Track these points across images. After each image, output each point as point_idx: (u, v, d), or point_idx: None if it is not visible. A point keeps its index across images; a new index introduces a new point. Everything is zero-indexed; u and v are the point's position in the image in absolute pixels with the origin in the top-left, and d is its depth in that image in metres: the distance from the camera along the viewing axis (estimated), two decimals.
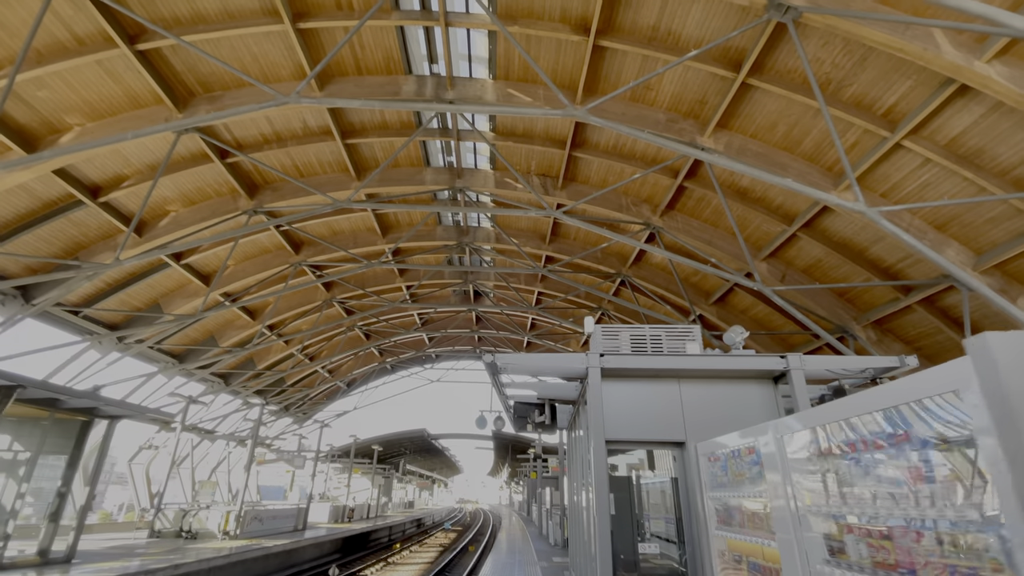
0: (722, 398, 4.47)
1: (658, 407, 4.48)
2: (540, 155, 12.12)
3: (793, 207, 10.73)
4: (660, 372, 4.50)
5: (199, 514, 12.82)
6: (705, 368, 4.33)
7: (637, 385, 4.59)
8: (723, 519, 2.89)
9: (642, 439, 4.40)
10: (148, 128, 8.05)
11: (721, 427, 4.30)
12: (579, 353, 4.55)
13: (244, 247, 14.74)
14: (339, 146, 11.56)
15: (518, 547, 14.94)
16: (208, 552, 9.74)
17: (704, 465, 3.28)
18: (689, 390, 4.65)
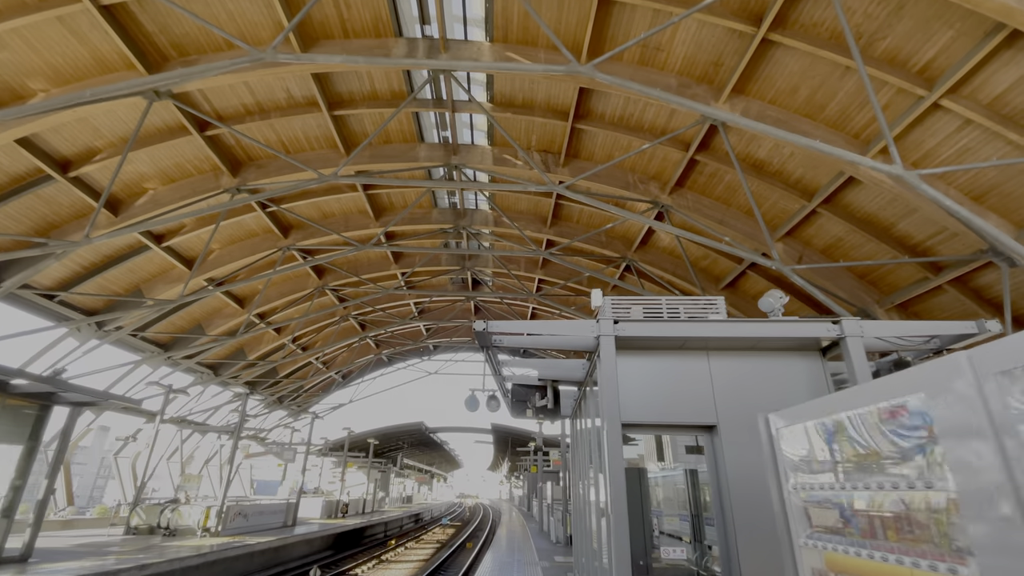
0: (759, 374, 3.78)
1: (683, 385, 3.81)
2: (541, 128, 11.37)
3: (813, 181, 10.00)
4: (686, 342, 3.81)
5: (179, 509, 12.18)
6: (741, 336, 3.63)
7: (658, 359, 3.90)
8: (824, 522, 2.10)
9: (664, 422, 3.71)
10: (110, 87, 7.30)
11: (760, 408, 3.61)
12: (588, 320, 3.85)
13: (230, 230, 14.03)
14: (326, 119, 10.81)
15: (518, 544, 14.32)
16: (183, 550, 9.08)
17: (789, 443, 2.42)
18: (720, 365, 3.94)
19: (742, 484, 3.43)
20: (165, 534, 11.75)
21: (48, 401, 7.41)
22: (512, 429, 29.18)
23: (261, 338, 20.09)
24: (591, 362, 4.71)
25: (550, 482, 18.78)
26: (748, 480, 3.43)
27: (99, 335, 13.41)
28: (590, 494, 6.28)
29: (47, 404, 7.40)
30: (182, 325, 16.40)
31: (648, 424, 3.73)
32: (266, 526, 14.56)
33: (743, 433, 3.60)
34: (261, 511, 14.43)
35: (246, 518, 13.28)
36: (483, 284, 20.57)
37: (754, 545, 3.24)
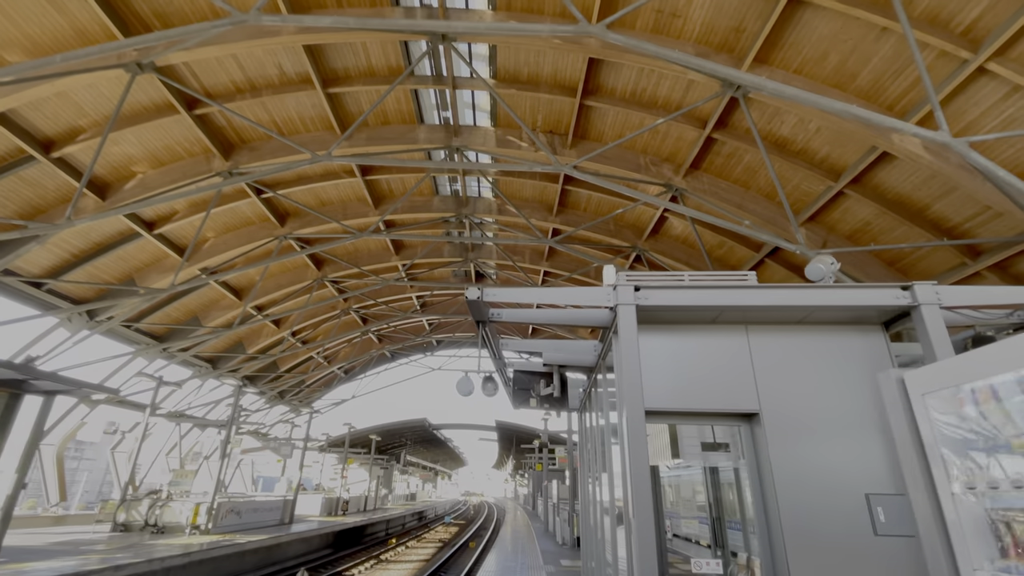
0: (810, 354, 3.14)
1: (717, 367, 3.20)
2: (547, 107, 10.75)
3: (840, 160, 9.32)
4: (720, 314, 3.23)
5: (170, 506, 11.73)
6: (789, 305, 3.02)
7: (686, 336, 3.28)
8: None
9: (694, 410, 3.09)
10: (82, 50, 6.78)
11: (811, 392, 3.01)
12: (603, 287, 3.26)
13: (224, 218, 13.56)
14: (321, 97, 10.27)
15: (522, 546, 13.75)
16: (168, 549, 8.58)
17: (951, 417, 1.59)
18: (762, 343, 3.25)
19: (794, 483, 2.82)
20: (154, 532, 11.30)
21: (17, 389, 6.97)
22: (517, 426, 28.60)
23: (260, 331, 19.66)
24: (604, 343, 4.11)
25: (555, 481, 18.20)
26: (802, 478, 2.82)
27: (90, 325, 12.99)
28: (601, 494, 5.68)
29: (16, 393, 6.96)
30: (178, 317, 15.97)
31: (675, 412, 3.12)
32: (261, 524, 14.10)
33: (793, 422, 3.00)
34: (256, 508, 13.96)
35: (239, 515, 12.81)
36: (487, 277, 19.99)
37: (811, 557, 2.64)
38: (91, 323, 13.01)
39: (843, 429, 2.92)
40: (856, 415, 2.95)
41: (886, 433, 2.84)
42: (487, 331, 3.99)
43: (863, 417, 2.93)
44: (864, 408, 2.95)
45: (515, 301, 3.61)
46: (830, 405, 3.00)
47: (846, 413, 2.97)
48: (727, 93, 8.56)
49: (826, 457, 2.88)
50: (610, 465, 4.09)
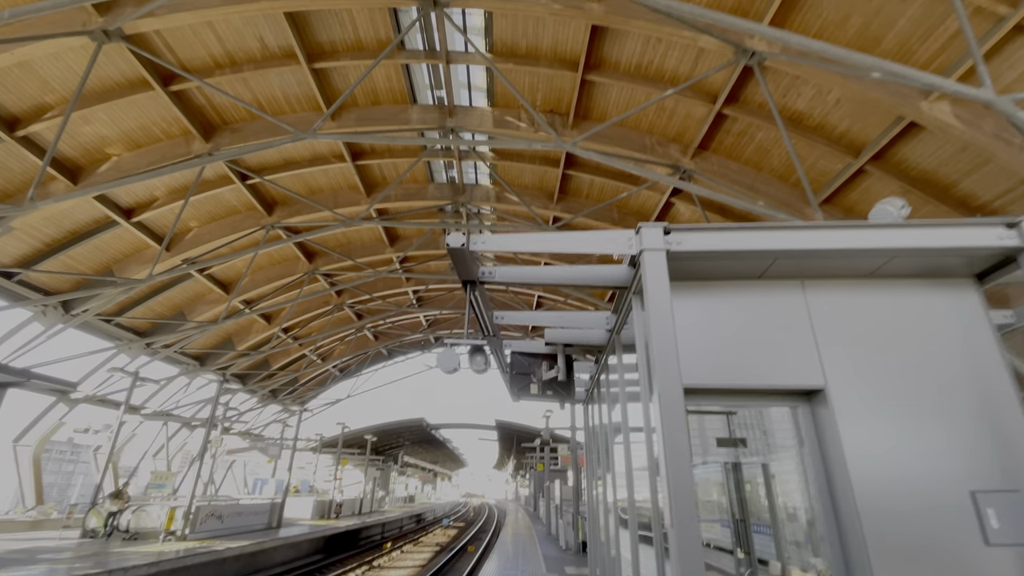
0: (884, 315, 2.51)
1: (768, 332, 2.58)
2: (547, 83, 10.13)
3: (860, 134, 8.71)
4: (772, 265, 2.60)
5: (146, 510, 11.03)
6: (865, 247, 2.37)
7: (727, 296, 2.63)
8: None
9: (741, 386, 2.48)
10: (33, 5, 6.14)
11: (890, 364, 2.38)
12: (623, 231, 2.63)
13: (208, 206, 12.93)
14: (306, 73, 9.65)
15: (523, 550, 13.09)
16: (133, 557, 7.86)
17: None
18: (824, 302, 2.62)
19: (874, 477, 2.19)
20: (126, 538, 10.62)
21: None
22: (517, 425, 27.95)
23: (250, 328, 19.01)
24: (621, 312, 3.46)
25: (558, 481, 17.55)
26: (885, 471, 2.18)
27: (66, 319, 12.33)
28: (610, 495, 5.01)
29: None
30: (162, 311, 15.32)
31: (718, 390, 2.51)
32: (246, 528, 13.39)
33: (869, 401, 2.38)
34: (239, 512, 13.26)
35: (221, 520, 12.12)
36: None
37: (902, 572, 2.01)
38: (67, 316, 12.35)
39: (935, 410, 2.30)
40: (950, 392, 2.33)
41: (992, 414, 2.23)
42: (476, 296, 3.34)
43: (959, 395, 2.31)
44: (959, 383, 2.34)
45: (509, 250, 2.98)
46: (916, 380, 2.38)
47: (937, 390, 2.35)
48: (740, 61, 7.94)
49: (916, 445, 2.24)
50: (628, 463, 3.46)
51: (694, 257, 2.53)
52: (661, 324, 2.26)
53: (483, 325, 3.88)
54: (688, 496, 1.97)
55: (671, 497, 1.98)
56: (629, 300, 3.10)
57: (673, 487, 2.00)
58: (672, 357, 2.19)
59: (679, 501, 1.96)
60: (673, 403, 2.12)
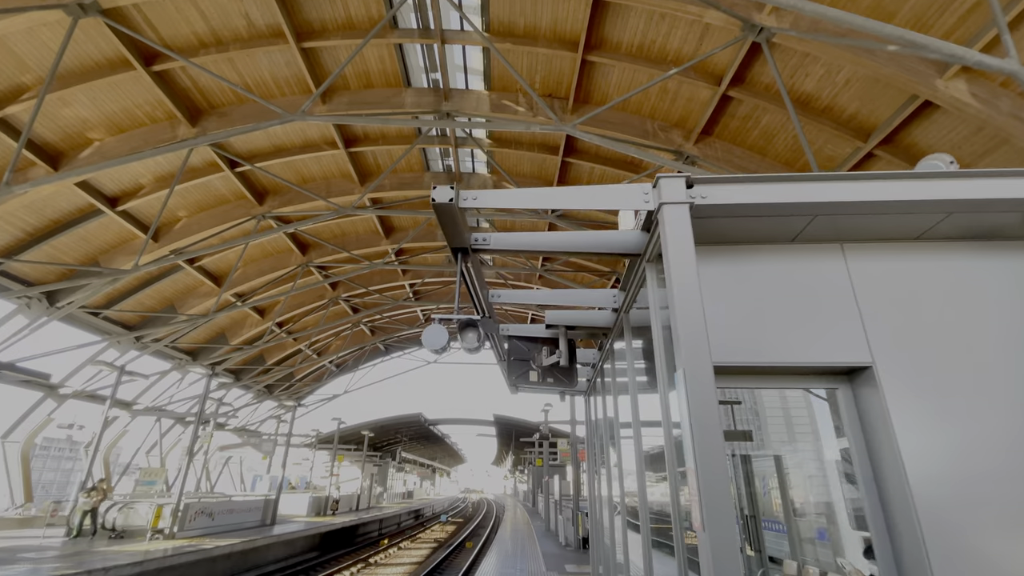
0: (935, 281, 2.23)
1: (804, 303, 2.27)
2: (546, 65, 9.78)
3: (870, 117, 8.40)
4: (809, 224, 2.26)
5: (134, 507, 10.71)
6: (918, 199, 2.06)
7: (756, 261, 2.31)
8: None
9: (775, 363, 2.16)
10: None
11: (948, 339, 2.07)
12: (637, 185, 2.31)
13: (197, 195, 12.56)
14: (295, 53, 9.28)
15: (522, 547, 12.82)
16: (118, 557, 7.53)
17: None
18: (867, 269, 2.32)
19: (935, 470, 1.88)
20: (112, 536, 10.30)
21: None
22: (515, 420, 27.70)
23: (243, 322, 18.66)
24: (631, 285, 3.11)
25: (557, 476, 17.29)
26: (947, 463, 1.88)
27: (51, 311, 11.97)
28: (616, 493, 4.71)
29: None
30: (152, 305, 14.96)
31: (750, 367, 2.20)
32: (239, 526, 13.10)
33: (925, 382, 2.07)
34: (231, 509, 12.94)
35: (211, 517, 11.80)
36: (483, 262, 19.02)
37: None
38: (52, 309, 11.99)
39: (1004, 388, 1.99)
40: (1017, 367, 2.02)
41: None
42: (468, 267, 2.99)
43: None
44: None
45: (506, 207, 2.65)
46: (977, 355, 2.07)
47: (1003, 365, 2.04)
48: (748, 37, 7.60)
49: (985, 433, 1.95)
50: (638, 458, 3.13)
51: (721, 213, 2.20)
52: (686, 289, 1.94)
53: (476, 303, 3.53)
54: (723, 494, 1.65)
55: (702, 495, 1.67)
56: (642, 271, 2.77)
57: (705, 483, 1.68)
58: (699, 328, 1.87)
59: (712, 500, 1.65)
60: (702, 383, 1.80)
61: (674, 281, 1.96)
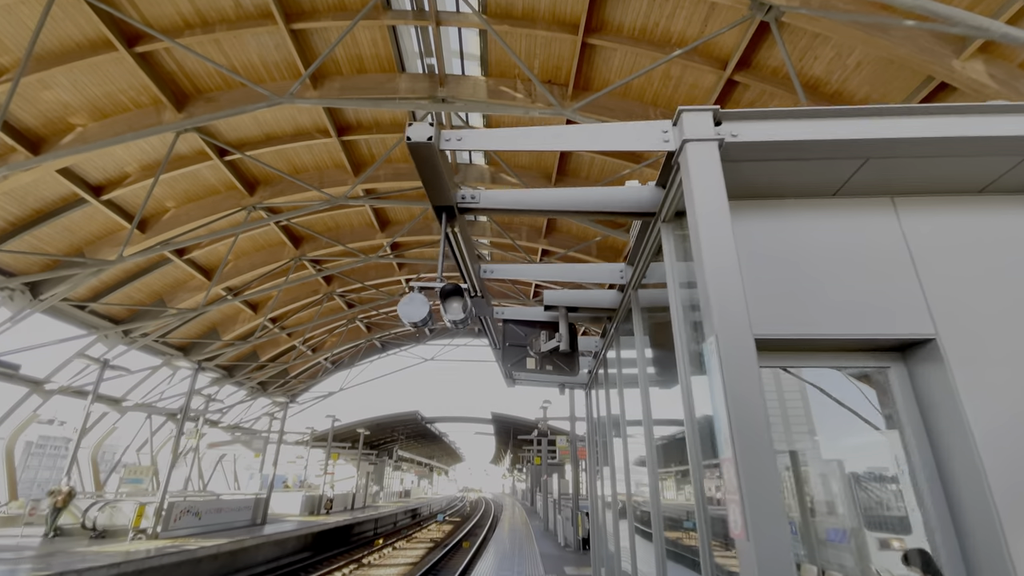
0: (1004, 241, 1.92)
1: (847, 266, 1.95)
2: (545, 49, 9.45)
3: (882, 101, 8.06)
4: (860, 168, 1.92)
5: (116, 507, 10.35)
6: (995, 135, 1.72)
7: (792, 218, 1.98)
8: None
9: (823, 336, 1.85)
10: None
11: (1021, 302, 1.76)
12: (655, 122, 1.96)
13: (185, 184, 12.20)
14: (284, 35, 8.94)
15: (519, 547, 12.51)
16: (96, 558, 7.13)
17: None
18: (924, 224, 1.99)
19: (1019, 460, 1.57)
20: (92, 536, 9.95)
21: None
22: (513, 418, 27.39)
23: (235, 317, 18.31)
24: (641, 255, 2.83)
25: (556, 475, 16.98)
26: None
27: (34, 303, 11.61)
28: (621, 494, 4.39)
29: None
30: (140, 298, 14.60)
31: (794, 340, 1.87)
32: (228, 525, 12.74)
33: (1003, 357, 1.76)
34: (219, 508, 12.59)
35: (198, 516, 11.45)
36: (481, 257, 18.69)
37: None
38: (35, 301, 11.63)
39: None
40: None
41: None
42: (454, 231, 2.63)
43: None
44: None
45: (497, 149, 2.30)
46: None
47: None
48: (756, 16, 7.26)
49: None
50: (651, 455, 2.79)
51: (754, 155, 1.84)
52: (717, 242, 1.60)
53: (465, 276, 3.16)
54: (772, 490, 1.32)
55: (745, 492, 1.34)
56: (655, 236, 2.42)
57: (748, 476, 1.35)
58: (734, 287, 1.54)
59: (759, 498, 1.32)
60: (740, 352, 1.47)
61: (702, 234, 1.64)
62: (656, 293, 2.68)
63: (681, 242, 2.16)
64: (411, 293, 2.79)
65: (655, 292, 2.75)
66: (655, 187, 2.28)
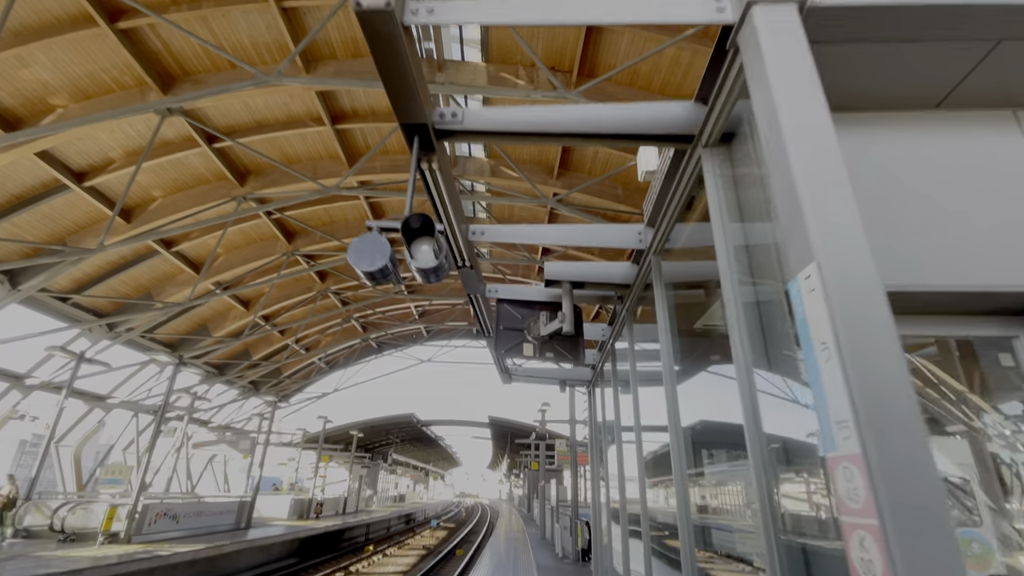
0: None
1: (967, 199, 1.42)
2: (549, 32, 9.01)
3: None
4: (991, 46, 1.37)
5: (89, 508, 9.79)
6: None
7: (884, 138, 1.49)
8: None
9: (935, 286, 1.31)
10: None
11: None
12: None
13: (173, 173, 11.75)
14: (275, 14, 8.54)
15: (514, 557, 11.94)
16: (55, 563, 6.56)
17: None
18: None
19: None
20: (61, 539, 9.39)
21: None
22: (511, 422, 26.82)
23: (226, 314, 17.82)
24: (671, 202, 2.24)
25: (554, 481, 16.45)
26: None
27: (12, 294, 11.13)
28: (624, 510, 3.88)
29: None
30: (126, 292, 14.12)
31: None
32: (210, 529, 12.16)
33: None
34: (200, 511, 11.99)
35: (176, 520, 10.87)
36: (480, 255, 18.22)
37: None
38: (12, 291, 11.15)
39: None
40: None
41: None
42: (431, 167, 2.04)
43: None
44: None
45: (487, 21, 1.79)
46: None
47: None
48: None
49: None
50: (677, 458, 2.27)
51: (846, 33, 1.32)
52: (810, 133, 1.10)
53: (448, 234, 2.58)
54: (935, 509, 0.86)
55: (885, 509, 0.87)
56: (693, 169, 1.89)
57: (893, 484, 0.90)
58: (845, 200, 1.04)
59: (913, 521, 0.86)
60: (862, 293, 0.99)
61: (789, 144, 1.14)
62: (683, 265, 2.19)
63: (729, 171, 1.68)
64: (366, 234, 2.20)
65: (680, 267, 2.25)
66: (693, 103, 1.81)
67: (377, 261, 2.10)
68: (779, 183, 1.20)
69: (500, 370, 3.98)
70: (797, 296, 1.14)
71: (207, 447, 19.37)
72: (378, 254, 2.11)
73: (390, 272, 2.18)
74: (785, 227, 1.17)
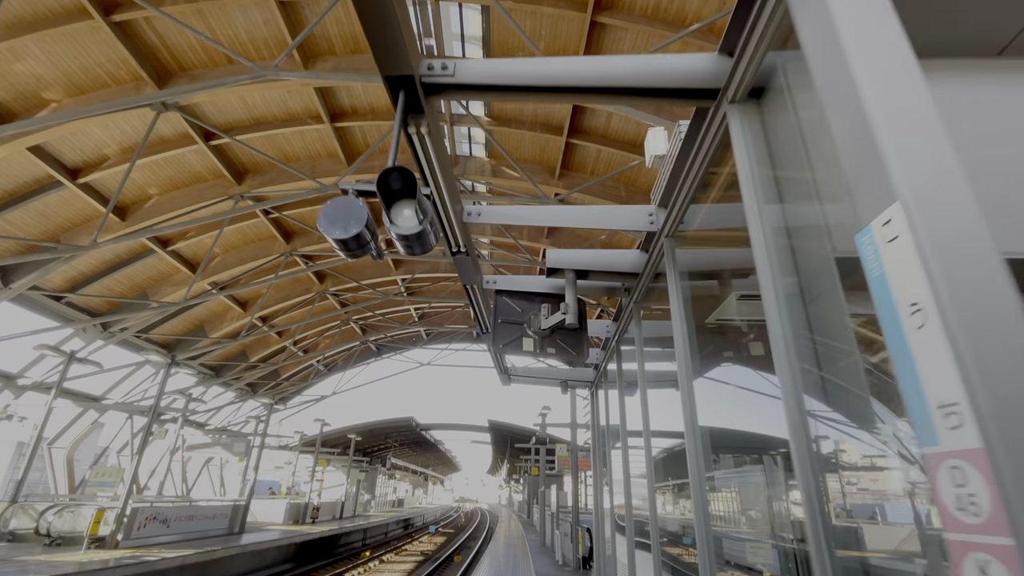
0: None
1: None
2: (551, 27, 8.89)
3: None
4: None
5: (76, 512, 9.54)
6: None
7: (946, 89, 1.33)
8: None
9: None
10: None
11: None
12: None
13: (169, 171, 11.59)
14: (272, 8, 8.40)
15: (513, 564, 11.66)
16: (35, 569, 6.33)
17: None
18: None
19: None
20: (47, 543, 9.14)
21: None
22: (511, 426, 26.53)
23: (223, 315, 17.62)
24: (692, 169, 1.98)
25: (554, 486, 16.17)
26: None
27: (3, 292, 10.94)
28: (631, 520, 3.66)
29: None
30: (121, 291, 13.93)
31: None
32: (202, 534, 11.89)
33: None
34: (191, 515, 11.73)
35: (167, 524, 10.62)
36: (481, 256, 18.03)
37: None
38: (5, 290, 10.97)
39: None
40: None
41: None
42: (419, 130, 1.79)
43: None
44: None
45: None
46: None
47: None
48: None
49: None
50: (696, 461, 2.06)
51: None
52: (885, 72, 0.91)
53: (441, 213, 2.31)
54: None
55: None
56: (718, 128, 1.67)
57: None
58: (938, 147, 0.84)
59: None
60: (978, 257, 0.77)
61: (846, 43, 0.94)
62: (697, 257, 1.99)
63: (764, 127, 1.49)
64: (340, 197, 1.92)
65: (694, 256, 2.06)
66: (718, 55, 1.64)
67: (351, 227, 1.83)
68: (843, 118, 1.01)
69: (499, 370, 3.78)
70: (870, 248, 0.94)
71: (202, 449, 19.11)
72: (352, 220, 1.84)
73: (367, 241, 1.92)
74: (853, 169, 0.98)
